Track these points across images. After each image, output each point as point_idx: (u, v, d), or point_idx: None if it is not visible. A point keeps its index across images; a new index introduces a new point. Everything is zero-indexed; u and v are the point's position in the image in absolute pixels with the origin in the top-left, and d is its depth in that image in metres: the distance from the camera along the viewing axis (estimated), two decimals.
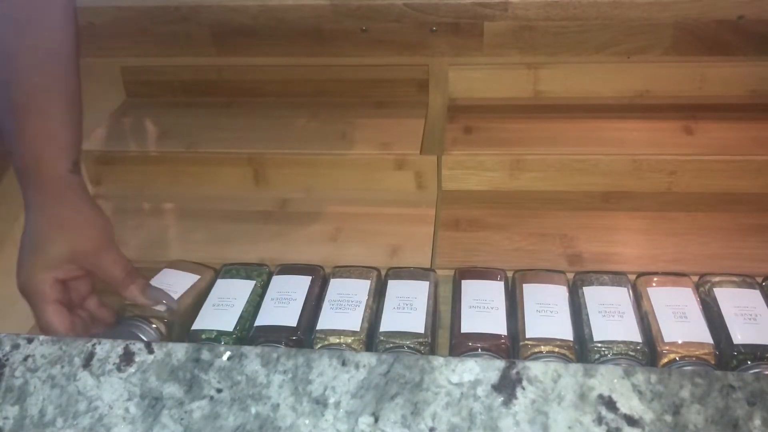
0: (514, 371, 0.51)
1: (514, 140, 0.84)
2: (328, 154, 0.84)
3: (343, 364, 0.53)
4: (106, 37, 1.01)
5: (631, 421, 0.48)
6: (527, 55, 0.92)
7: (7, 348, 0.56)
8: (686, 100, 0.88)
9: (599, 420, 0.48)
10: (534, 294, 0.64)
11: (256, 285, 0.68)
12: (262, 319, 0.64)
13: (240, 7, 0.95)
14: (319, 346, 0.61)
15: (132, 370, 0.54)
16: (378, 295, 0.66)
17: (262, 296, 0.67)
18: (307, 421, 0.50)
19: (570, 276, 0.67)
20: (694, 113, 0.85)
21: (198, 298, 0.68)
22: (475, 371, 0.52)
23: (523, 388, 0.50)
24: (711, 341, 0.58)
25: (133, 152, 0.87)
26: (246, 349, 0.55)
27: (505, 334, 0.61)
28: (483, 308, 0.63)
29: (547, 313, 0.62)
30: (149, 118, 0.93)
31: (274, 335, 0.62)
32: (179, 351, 0.55)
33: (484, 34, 0.91)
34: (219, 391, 0.52)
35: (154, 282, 0.69)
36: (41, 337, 0.57)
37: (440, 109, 0.93)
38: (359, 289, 0.66)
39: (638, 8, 0.88)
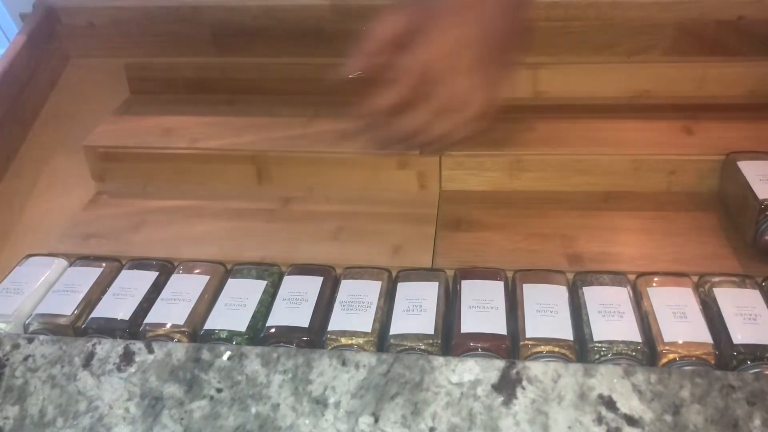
0: (514, 371, 0.51)
1: (514, 140, 0.83)
2: (331, 153, 0.84)
3: (343, 364, 0.53)
4: (105, 38, 1.02)
5: (631, 420, 0.48)
6: (527, 55, 0.92)
7: (7, 348, 0.56)
8: (686, 100, 0.88)
9: (599, 420, 0.48)
10: (534, 294, 0.64)
11: (267, 285, 0.68)
12: (274, 320, 0.64)
13: (240, 7, 0.95)
14: (330, 347, 0.61)
15: (132, 369, 0.54)
16: (389, 296, 0.66)
17: (273, 296, 0.67)
18: (307, 421, 0.50)
19: (570, 276, 0.67)
20: (694, 113, 0.85)
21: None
22: (475, 371, 0.52)
23: (523, 388, 0.50)
24: (711, 341, 0.58)
25: (137, 149, 0.87)
26: (246, 349, 0.55)
27: (505, 334, 0.61)
28: (483, 308, 0.63)
29: (547, 313, 0.62)
30: (153, 115, 0.93)
31: (287, 336, 0.62)
32: (179, 351, 0.55)
33: None
34: (219, 390, 0.52)
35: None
36: (41, 337, 0.57)
37: None
38: (370, 290, 0.66)
39: (638, 8, 0.88)
